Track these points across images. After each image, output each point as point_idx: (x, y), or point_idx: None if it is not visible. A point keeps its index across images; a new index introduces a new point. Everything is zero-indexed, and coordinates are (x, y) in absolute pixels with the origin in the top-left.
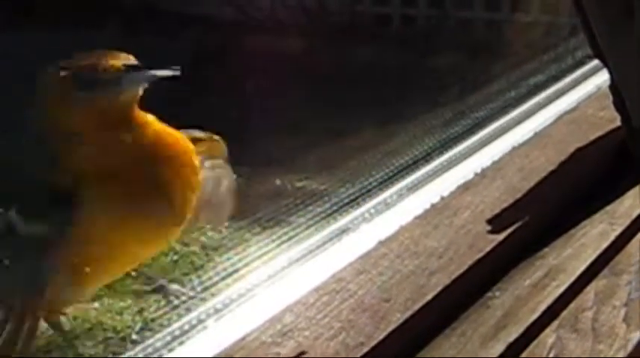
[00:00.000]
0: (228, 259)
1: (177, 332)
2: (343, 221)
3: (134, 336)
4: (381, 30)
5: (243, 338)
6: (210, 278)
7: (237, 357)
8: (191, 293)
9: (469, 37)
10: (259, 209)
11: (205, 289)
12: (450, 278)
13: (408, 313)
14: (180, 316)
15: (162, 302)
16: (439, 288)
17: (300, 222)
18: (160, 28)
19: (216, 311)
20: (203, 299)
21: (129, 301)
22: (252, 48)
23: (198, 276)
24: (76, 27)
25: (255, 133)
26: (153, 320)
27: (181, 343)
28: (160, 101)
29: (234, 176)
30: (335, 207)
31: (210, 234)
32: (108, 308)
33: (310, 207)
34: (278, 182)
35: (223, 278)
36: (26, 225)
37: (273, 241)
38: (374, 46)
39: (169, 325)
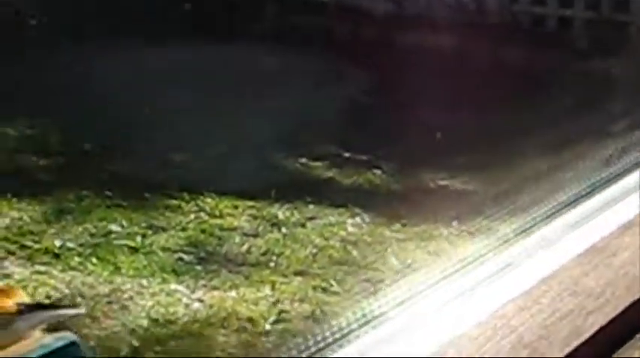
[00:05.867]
0: (373, 269)
1: (329, 339)
2: (506, 255)
3: (267, 327)
4: (537, 30)
5: None
6: (372, 310)
7: None
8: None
9: (628, 42)
10: (410, 208)
11: (371, 319)
12: (605, 319)
13: (566, 351)
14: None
15: (298, 295)
16: (595, 329)
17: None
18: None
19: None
20: (363, 327)
21: (265, 291)
22: (405, 42)
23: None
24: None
25: (410, 130)
26: (287, 311)
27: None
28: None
29: None
30: (498, 243)
31: (350, 228)
32: (244, 298)
33: (470, 241)
34: (432, 183)
35: (384, 304)
36: None
37: (421, 248)
38: (529, 45)
39: (315, 334)
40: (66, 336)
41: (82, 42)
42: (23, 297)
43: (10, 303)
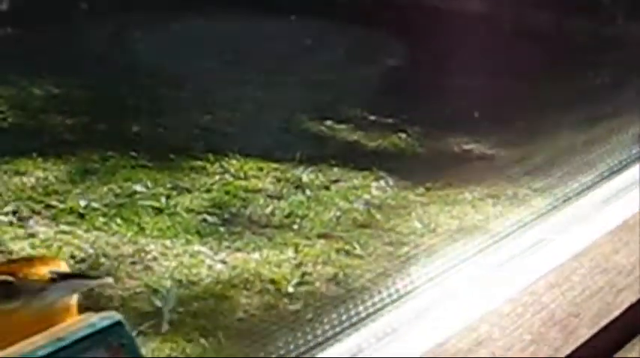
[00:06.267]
0: (396, 232)
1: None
2: (536, 229)
3: (290, 289)
4: None
5: (442, 344)
6: (404, 285)
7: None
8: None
9: None
10: (435, 172)
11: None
12: (636, 297)
13: (595, 329)
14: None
15: (321, 258)
16: (625, 306)
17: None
18: None
19: (415, 316)
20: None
21: (289, 253)
22: (435, 7)
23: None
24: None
25: (437, 95)
26: (310, 274)
27: (357, 330)
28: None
29: None
30: (531, 217)
31: (374, 191)
32: (267, 260)
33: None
34: (457, 148)
35: (415, 280)
36: None
37: (445, 212)
38: (559, 9)
39: (339, 309)
40: (111, 315)
41: (129, 12)
42: (61, 267)
43: (45, 271)
